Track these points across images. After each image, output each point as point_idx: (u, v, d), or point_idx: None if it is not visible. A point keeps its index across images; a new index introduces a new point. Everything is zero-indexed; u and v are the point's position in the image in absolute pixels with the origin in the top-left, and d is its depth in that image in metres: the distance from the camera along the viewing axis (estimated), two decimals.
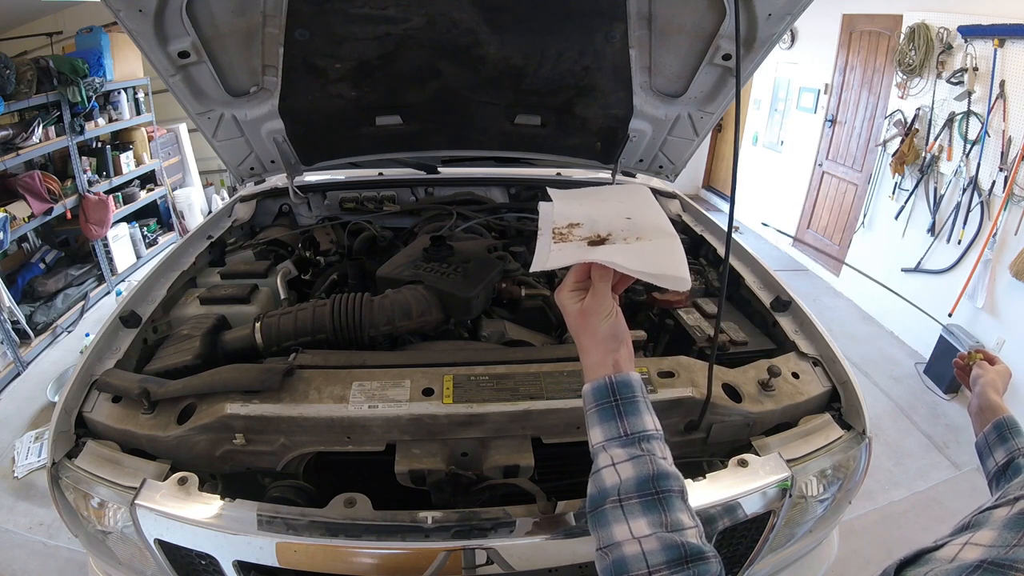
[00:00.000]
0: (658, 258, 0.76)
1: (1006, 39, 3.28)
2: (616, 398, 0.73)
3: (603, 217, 0.85)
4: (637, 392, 0.74)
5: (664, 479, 0.67)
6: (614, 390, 0.73)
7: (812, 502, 1.31)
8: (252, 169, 2.26)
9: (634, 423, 0.71)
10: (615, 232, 0.81)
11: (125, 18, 1.43)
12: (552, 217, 0.87)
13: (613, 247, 0.78)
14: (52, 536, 2.49)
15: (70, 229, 4.60)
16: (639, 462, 0.68)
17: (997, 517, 0.59)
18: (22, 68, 3.74)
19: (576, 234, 0.81)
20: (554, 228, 0.83)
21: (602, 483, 0.69)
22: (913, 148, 3.99)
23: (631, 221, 0.83)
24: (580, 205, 0.90)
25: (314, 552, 1.06)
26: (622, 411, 0.72)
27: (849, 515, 1.74)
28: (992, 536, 0.55)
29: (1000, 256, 3.42)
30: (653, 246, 0.78)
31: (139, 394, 1.20)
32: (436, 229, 2.05)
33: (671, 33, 1.72)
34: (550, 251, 0.79)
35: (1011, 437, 1.01)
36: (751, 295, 1.76)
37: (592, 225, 0.83)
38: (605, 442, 0.71)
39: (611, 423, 0.72)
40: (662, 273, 0.72)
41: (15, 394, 3.58)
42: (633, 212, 0.87)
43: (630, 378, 0.74)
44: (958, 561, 0.54)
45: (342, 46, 1.71)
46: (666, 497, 0.65)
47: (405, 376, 1.24)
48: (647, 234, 0.80)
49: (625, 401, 0.72)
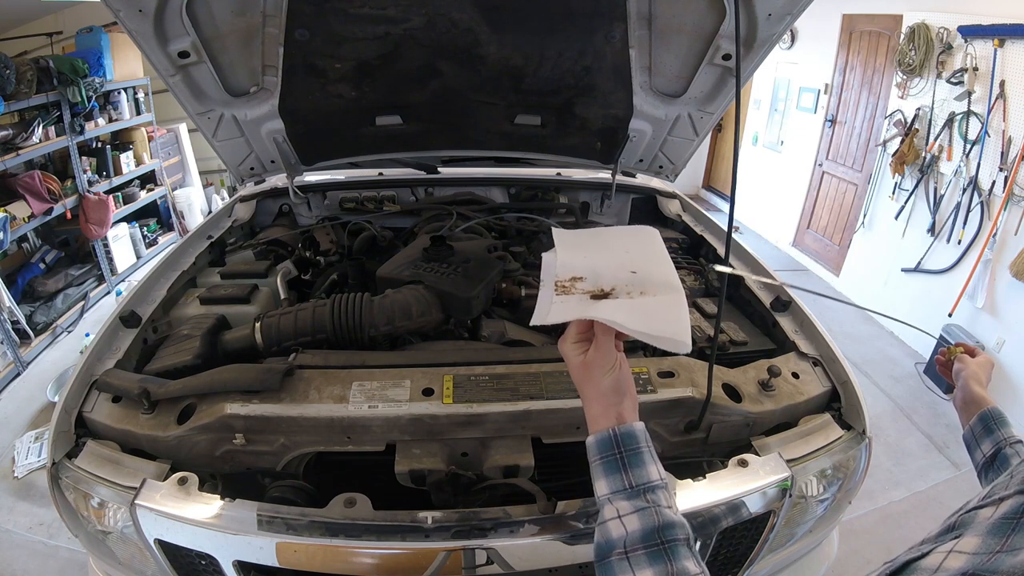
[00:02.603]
0: (660, 317, 0.75)
1: (1006, 39, 3.28)
2: (620, 450, 0.73)
3: (607, 269, 0.84)
4: (641, 443, 0.73)
5: (669, 529, 0.67)
6: (618, 443, 0.73)
7: (812, 502, 1.31)
8: (252, 169, 2.27)
9: (638, 475, 0.71)
10: (619, 286, 0.80)
11: (125, 18, 1.44)
12: (555, 268, 0.86)
13: (616, 303, 0.77)
14: (52, 536, 2.49)
15: (70, 229, 4.59)
16: (644, 514, 0.68)
17: (982, 519, 0.59)
18: (22, 68, 3.73)
19: (579, 287, 0.81)
20: (556, 280, 0.83)
21: (608, 534, 0.69)
22: (913, 148, 3.99)
23: (636, 275, 0.83)
24: (584, 255, 0.89)
25: (314, 552, 1.06)
26: (626, 463, 0.72)
27: (849, 515, 1.74)
28: (976, 543, 0.55)
29: (1000, 256, 3.42)
30: (656, 303, 0.78)
31: (139, 394, 1.20)
32: (436, 229, 2.05)
33: (671, 33, 1.72)
34: (551, 304, 0.79)
35: (996, 428, 1.02)
36: (751, 295, 1.76)
37: (595, 279, 0.82)
38: (611, 495, 0.71)
39: (616, 476, 0.72)
40: (663, 335, 0.72)
41: (15, 394, 3.58)
42: (638, 264, 0.86)
43: (634, 429, 0.74)
44: (943, 571, 0.54)
45: (342, 46, 1.71)
46: (672, 547, 0.65)
47: (405, 376, 1.24)
48: (651, 289, 0.80)
49: (629, 453, 0.72)
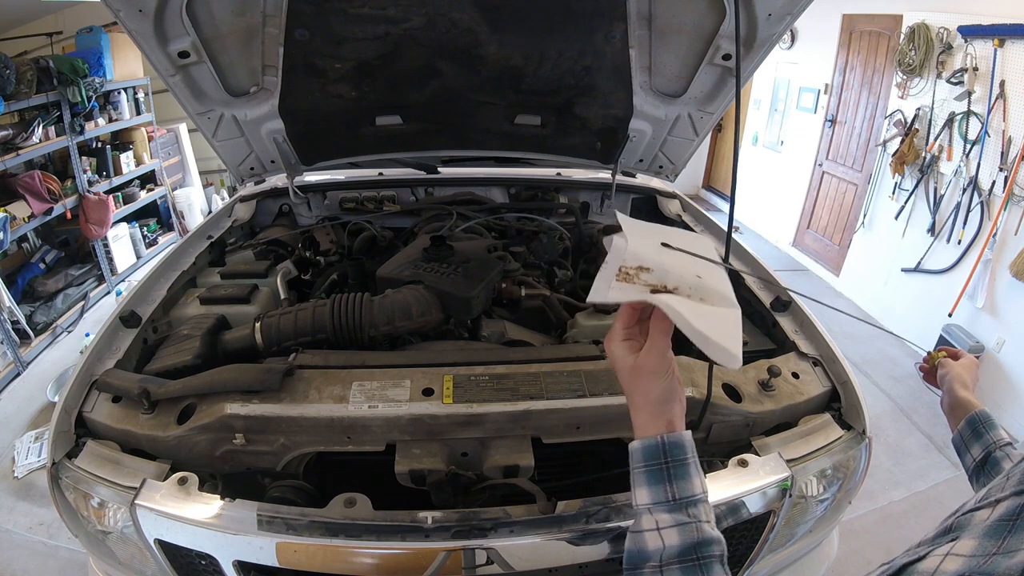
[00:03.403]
0: (718, 326, 0.71)
1: (1006, 39, 3.28)
2: (667, 460, 0.69)
3: (674, 268, 0.80)
4: (688, 453, 0.70)
5: (707, 545, 0.65)
6: (665, 452, 0.69)
7: (812, 502, 1.31)
8: (252, 169, 2.27)
9: (683, 487, 0.68)
10: (682, 287, 0.76)
11: (125, 18, 1.44)
12: (624, 255, 0.81)
13: (678, 299, 0.73)
14: (52, 536, 2.49)
15: (70, 229, 4.59)
16: (685, 529, 0.66)
17: (978, 521, 0.59)
18: (22, 68, 3.74)
19: (642, 278, 0.77)
20: (622, 266, 0.79)
21: (643, 544, 0.67)
22: (913, 148, 3.99)
23: (700, 280, 0.79)
24: (654, 250, 0.84)
25: (314, 552, 1.06)
26: (672, 474, 0.68)
27: (849, 515, 1.74)
28: (972, 545, 0.55)
29: (1000, 256, 3.42)
30: (716, 312, 0.74)
31: (139, 394, 1.20)
32: (436, 229, 2.05)
33: (671, 33, 1.72)
34: (611, 286, 0.75)
35: (985, 432, 1.01)
36: (751, 295, 1.76)
37: (661, 274, 0.78)
38: (651, 505, 0.69)
39: (659, 486, 0.68)
40: (718, 343, 0.68)
41: (15, 394, 3.58)
42: (703, 271, 0.81)
43: (683, 439, 0.70)
44: (940, 574, 0.54)
45: (342, 46, 1.71)
46: (706, 563, 0.64)
47: (405, 376, 1.24)
48: (712, 299, 0.76)
49: (676, 464, 0.69)
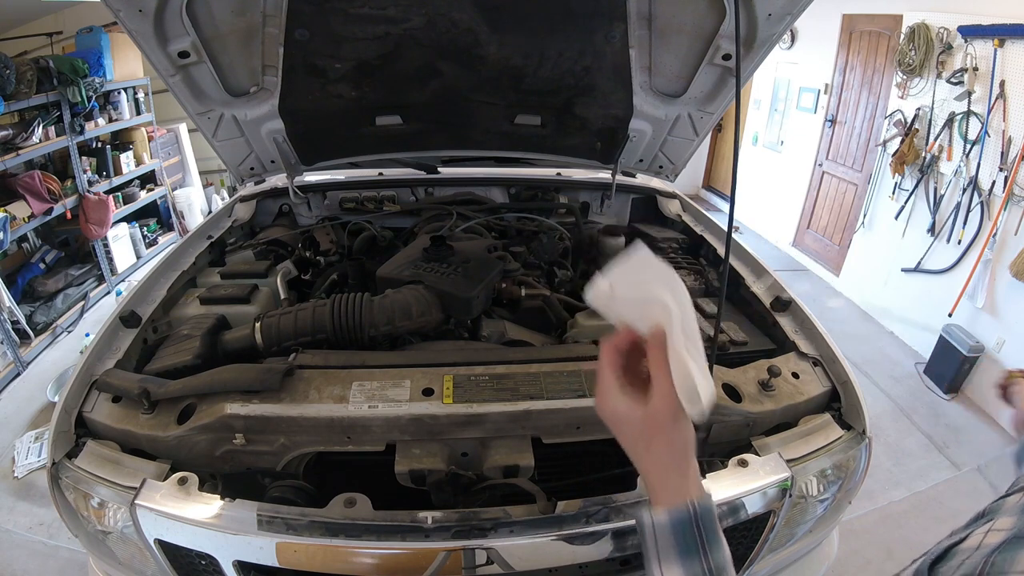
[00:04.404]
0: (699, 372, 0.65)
1: (1006, 39, 3.28)
2: (700, 531, 0.62)
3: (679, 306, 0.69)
4: (715, 517, 0.64)
5: None
6: (698, 524, 0.62)
7: (812, 502, 1.31)
8: (252, 169, 2.27)
9: (716, 558, 0.62)
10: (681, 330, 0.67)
11: (125, 18, 1.44)
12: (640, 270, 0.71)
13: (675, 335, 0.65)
14: (52, 536, 2.49)
15: (70, 229, 4.59)
16: None
17: (1011, 504, 0.61)
18: (22, 68, 3.73)
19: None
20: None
21: None
22: (913, 148, 3.99)
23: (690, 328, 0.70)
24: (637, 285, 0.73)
25: (314, 552, 1.06)
26: (706, 546, 0.62)
27: (849, 515, 1.74)
28: (1011, 521, 0.58)
29: (1000, 256, 3.42)
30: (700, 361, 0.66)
31: (139, 394, 1.20)
32: (436, 229, 2.05)
33: (671, 33, 1.72)
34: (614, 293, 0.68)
35: None
36: (751, 295, 1.76)
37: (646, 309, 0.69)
38: None
39: (694, 560, 0.62)
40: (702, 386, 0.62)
41: (15, 394, 3.58)
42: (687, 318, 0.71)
43: (711, 503, 0.64)
44: (984, 547, 0.57)
45: (342, 46, 1.71)
46: None
47: (405, 376, 1.24)
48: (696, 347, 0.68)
49: (709, 533, 0.62)
